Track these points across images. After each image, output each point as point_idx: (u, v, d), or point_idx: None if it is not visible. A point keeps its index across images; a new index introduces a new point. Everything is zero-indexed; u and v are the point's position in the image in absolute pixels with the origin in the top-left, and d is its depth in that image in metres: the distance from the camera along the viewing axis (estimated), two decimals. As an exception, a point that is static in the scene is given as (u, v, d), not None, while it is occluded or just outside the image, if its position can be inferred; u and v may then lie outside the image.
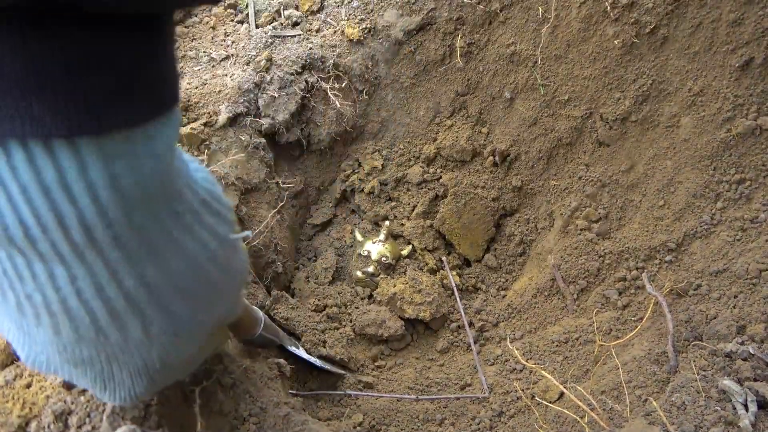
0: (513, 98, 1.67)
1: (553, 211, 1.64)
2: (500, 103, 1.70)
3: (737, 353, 1.00)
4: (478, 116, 1.73)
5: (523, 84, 1.65)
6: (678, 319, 1.15)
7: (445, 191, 1.73)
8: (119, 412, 0.84)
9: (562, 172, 1.64)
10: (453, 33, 1.67)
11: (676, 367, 1.05)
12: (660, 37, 1.44)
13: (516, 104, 1.67)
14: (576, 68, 1.56)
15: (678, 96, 1.43)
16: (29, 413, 0.93)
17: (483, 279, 1.69)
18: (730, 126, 1.34)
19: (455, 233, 1.71)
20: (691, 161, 1.39)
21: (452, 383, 1.37)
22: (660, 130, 1.46)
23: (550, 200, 1.65)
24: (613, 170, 1.52)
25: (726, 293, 1.16)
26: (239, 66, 1.53)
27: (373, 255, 1.56)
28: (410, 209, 1.73)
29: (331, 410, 1.22)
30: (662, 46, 1.45)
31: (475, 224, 1.72)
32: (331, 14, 1.67)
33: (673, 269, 1.30)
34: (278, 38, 1.60)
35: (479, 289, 1.67)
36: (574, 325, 1.37)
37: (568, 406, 1.08)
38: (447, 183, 1.73)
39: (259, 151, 1.48)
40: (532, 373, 1.29)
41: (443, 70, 1.69)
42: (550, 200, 1.65)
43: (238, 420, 0.96)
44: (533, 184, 1.69)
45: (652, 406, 0.97)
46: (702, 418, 0.92)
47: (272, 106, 1.49)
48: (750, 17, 1.31)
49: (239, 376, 0.99)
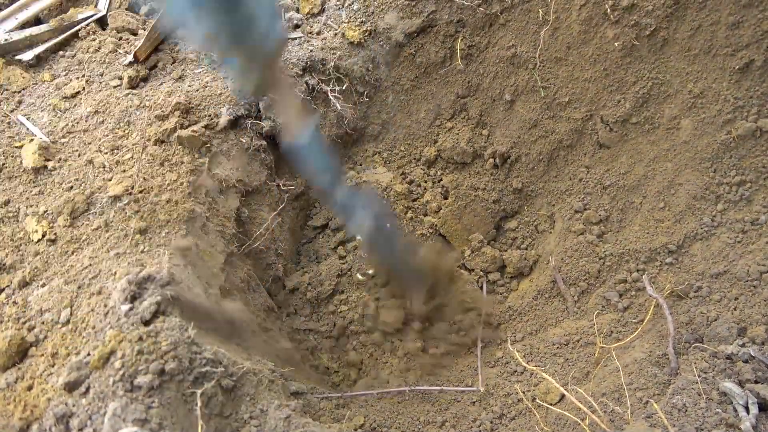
0: (513, 100, 1.68)
1: (554, 213, 1.64)
2: (501, 105, 1.70)
3: (738, 355, 1.00)
4: (478, 118, 1.73)
5: (523, 86, 1.65)
6: (679, 321, 1.15)
7: (446, 193, 1.73)
8: (120, 414, 0.84)
9: (563, 174, 1.64)
10: (453, 35, 1.67)
11: (677, 370, 1.05)
12: (660, 39, 1.44)
13: (516, 106, 1.67)
14: (576, 70, 1.56)
15: (678, 98, 1.43)
16: (30, 416, 0.93)
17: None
18: (731, 128, 1.34)
19: (455, 234, 1.71)
20: (691, 163, 1.39)
21: (452, 385, 1.37)
22: (660, 132, 1.46)
23: (550, 202, 1.65)
24: (614, 172, 1.52)
25: (726, 295, 1.16)
26: (240, 68, 1.53)
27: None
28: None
29: (333, 413, 1.22)
30: (662, 48, 1.45)
31: (475, 226, 1.72)
32: (331, 17, 1.67)
33: (673, 271, 1.30)
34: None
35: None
36: (574, 327, 1.37)
37: (569, 409, 1.08)
38: (447, 185, 1.73)
39: (259, 154, 1.49)
40: (532, 375, 1.29)
41: (444, 72, 1.70)
42: (550, 202, 1.65)
43: (239, 422, 0.96)
44: (534, 186, 1.69)
45: (653, 408, 0.97)
46: (703, 421, 0.92)
47: (273, 109, 1.49)
48: (749, 20, 1.31)
49: (240, 379, 0.99)
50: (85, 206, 1.26)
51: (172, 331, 0.96)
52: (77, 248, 1.20)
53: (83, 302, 1.08)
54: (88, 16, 1.70)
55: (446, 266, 1.52)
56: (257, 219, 1.47)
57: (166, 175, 1.30)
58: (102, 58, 1.61)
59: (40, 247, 1.23)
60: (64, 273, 1.16)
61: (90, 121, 1.45)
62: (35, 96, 1.54)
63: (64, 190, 1.30)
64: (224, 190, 1.39)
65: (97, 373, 0.91)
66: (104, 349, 0.92)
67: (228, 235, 1.35)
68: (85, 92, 1.53)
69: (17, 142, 1.41)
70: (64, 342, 1.03)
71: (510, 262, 1.63)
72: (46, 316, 1.10)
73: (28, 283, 1.18)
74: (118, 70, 1.57)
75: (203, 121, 1.41)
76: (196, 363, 0.95)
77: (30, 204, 1.30)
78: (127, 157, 1.34)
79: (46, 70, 1.61)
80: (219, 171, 1.38)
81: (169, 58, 1.61)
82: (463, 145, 1.71)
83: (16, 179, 1.35)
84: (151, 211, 1.23)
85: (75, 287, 1.12)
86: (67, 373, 0.91)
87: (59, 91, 1.54)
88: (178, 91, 1.48)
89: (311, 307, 1.57)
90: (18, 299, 1.15)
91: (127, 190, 1.25)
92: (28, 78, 1.59)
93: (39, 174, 1.35)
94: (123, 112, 1.44)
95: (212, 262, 1.27)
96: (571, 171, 1.61)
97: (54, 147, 1.39)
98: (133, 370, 0.90)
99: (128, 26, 1.69)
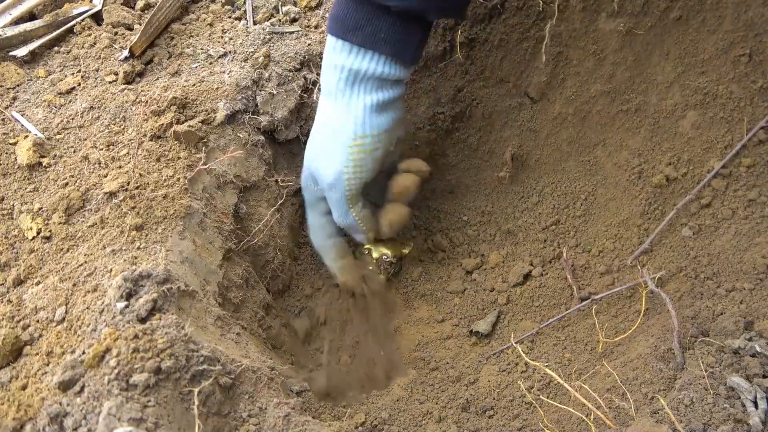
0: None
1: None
2: (501, 99, 1.68)
3: (745, 350, 0.98)
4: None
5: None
6: (684, 315, 1.13)
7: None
8: (116, 413, 0.82)
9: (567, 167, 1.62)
10: (453, 28, 1.65)
11: (683, 364, 1.03)
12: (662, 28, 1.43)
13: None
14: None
15: (686, 94, 1.41)
16: (24, 416, 0.91)
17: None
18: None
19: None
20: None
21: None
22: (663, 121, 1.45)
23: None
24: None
25: (733, 289, 1.14)
26: (237, 63, 1.51)
27: (374, 253, 1.54)
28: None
29: (333, 410, 1.21)
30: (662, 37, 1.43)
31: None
32: (329, 10, 1.65)
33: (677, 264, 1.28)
34: (276, 35, 1.58)
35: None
36: (578, 321, 1.35)
37: (573, 405, 1.06)
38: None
39: (257, 149, 1.47)
40: (535, 371, 1.27)
41: (443, 65, 1.67)
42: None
43: (238, 421, 0.94)
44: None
45: (659, 403, 0.95)
46: (710, 416, 0.90)
47: (271, 103, 1.47)
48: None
49: (238, 377, 0.98)
50: (81, 203, 1.24)
51: (169, 329, 0.95)
52: (72, 245, 1.19)
53: (78, 300, 1.07)
54: (83, 12, 1.68)
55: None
56: (256, 215, 1.45)
57: (162, 171, 1.28)
58: (97, 53, 1.59)
59: (34, 245, 1.21)
60: (59, 270, 1.14)
61: (85, 117, 1.43)
62: (30, 92, 1.52)
63: (59, 186, 1.28)
64: (222, 185, 1.37)
65: (92, 372, 0.89)
66: (99, 347, 0.90)
67: (226, 231, 1.33)
68: (80, 88, 1.51)
69: (12, 139, 1.39)
70: (59, 340, 1.01)
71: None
72: (41, 315, 1.08)
73: (23, 281, 1.16)
74: (114, 66, 1.55)
75: (200, 117, 1.39)
76: (193, 361, 0.93)
77: (24, 201, 1.28)
78: (123, 153, 1.32)
79: (41, 66, 1.59)
80: (216, 166, 1.36)
81: (165, 53, 1.59)
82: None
83: (11, 176, 1.34)
84: (148, 207, 1.21)
85: (70, 285, 1.10)
86: (61, 372, 0.90)
87: (54, 87, 1.52)
88: (174, 86, 1.46)
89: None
90: (12, 297, 1.13)
91: (122, 186, 1.23)
92: (23, 74, 1.57)
93: (34, 171, 1.34)
94: (118, 108, 1.42)
95: (210, 259, 1.25)
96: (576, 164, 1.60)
97: (49, 143, 1.38)
98: (128, 368, 0.88)
99: (124, 21, 1.67)
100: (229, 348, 1.05)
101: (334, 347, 1.46)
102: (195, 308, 1.07)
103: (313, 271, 1.61)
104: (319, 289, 1.57)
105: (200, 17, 1.70)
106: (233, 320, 1.18)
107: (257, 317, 1.34)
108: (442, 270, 1.62)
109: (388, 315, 1.52)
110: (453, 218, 1.70)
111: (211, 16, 1.70)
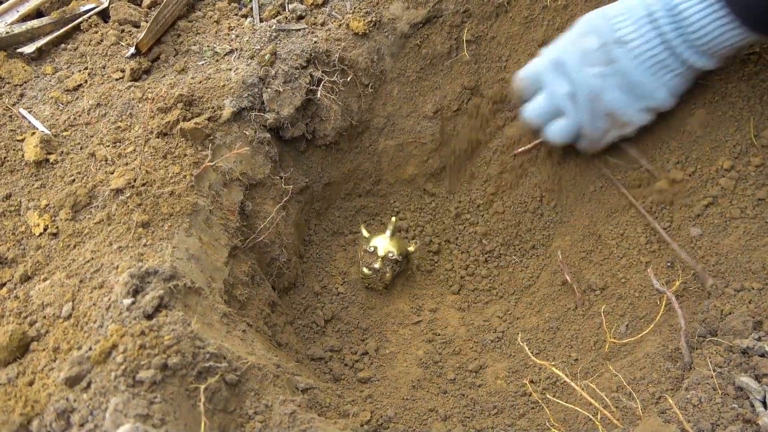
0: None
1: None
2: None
3: (754, 350, 0.98)
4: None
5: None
6: (691, 314, 1.13)
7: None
8: (122, 409, 0.82)
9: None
10: (459, 26, 1.65)
11: (691, 364, 1.03)
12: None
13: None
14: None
15: (695, 92, 1.40)
16: (31, 411, 0.91)
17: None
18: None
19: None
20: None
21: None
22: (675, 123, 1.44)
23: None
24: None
25: (741, 288, 1.13)
26: (243, 60, 1.51)
27: (379, 251, 1.54)
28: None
29: (338, 408, 1.20)
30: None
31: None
32: (336, 7, 1.65)
33: (684, 264, 1.27)
34: (283, 32, 1.58)
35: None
36: (585, 320, 1.34)
37: (580, 404, 1.06)
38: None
39: (264, 146, 1.47)
40: (542, 369, 1.27)
41: (449, 63, 1.67)
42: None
43: (244, 418, 0.94)
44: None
45: (667, 403, 0.94)
46: (719, 416, 0.89)
47: (277, 101, 1.47)
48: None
49: (244, 374, 0.98)
50: (87, 199, 1.25)
51: (175, 326, 0.95)
52: (79, 242, 1.19)
53: (85, 296, 1.07)
54: (89, 9, 1.69)
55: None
56: (261, 212, 1.45)
57: (168, 168, 1.28)
58: (104, 50, 1.59)
59: (41, 241, 1.21)
60: (66, 267, 1.14)
61: (92, 114, 1.43)
62: (37, 89, 1.53)
63: (66, 183, 1.29)
64: (228, 183, 1.37)
65: (98, 368, 0.90)
66: (106, 343, 0.90)
67: (232, 228, 1.33)
68: (87, 85, 1.51)
69: (19, 136, 1.40)
70: (66, 336, 1.02)
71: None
72: (48, 311, 1.08)
73: (30, 277, 1.17)
74: (121, 63, 1.55)
75: (206, 114, 1.39)
76: (200, 358, 0.93)
77: (32, 198, 1.29)
78: (130, 149, 1.32)
79: (48, 63, 1.60)
80: (222, 164, 1.36)
81: (172, 50, 1.59)
82: (469, 138, 1.69)
83: (18, 173, 1.34)
84: (154, 204, 1.21)
85: (77, 281, 1.11)
86: (68, 368, 0.90)
87: (61, 84, 1.52)
88: (180, 83, 1.46)
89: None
90: (19, 293, 1.14)
91: (129, 183, 1.24)
92: (30, 71, 1.57)
93: (41, 167, 1.34)
94: (125, 105, 1.42)
95: (216, 256, 1.25)
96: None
97: (56, 140, 1.38)
98: (135, 364, 0.88)
99: (130, 18, 1.67)
100: (235, 345, 1.05)
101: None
102: (201, 305, 1.07)
103: (319, 269, 1.61)
104: (325, 286, 1.57)
105: (207, 14, 1.70)
106: (239, 317, 1.17)
107: (263, 314, 1.34)
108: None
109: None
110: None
111: (218, 13, 1.70)
